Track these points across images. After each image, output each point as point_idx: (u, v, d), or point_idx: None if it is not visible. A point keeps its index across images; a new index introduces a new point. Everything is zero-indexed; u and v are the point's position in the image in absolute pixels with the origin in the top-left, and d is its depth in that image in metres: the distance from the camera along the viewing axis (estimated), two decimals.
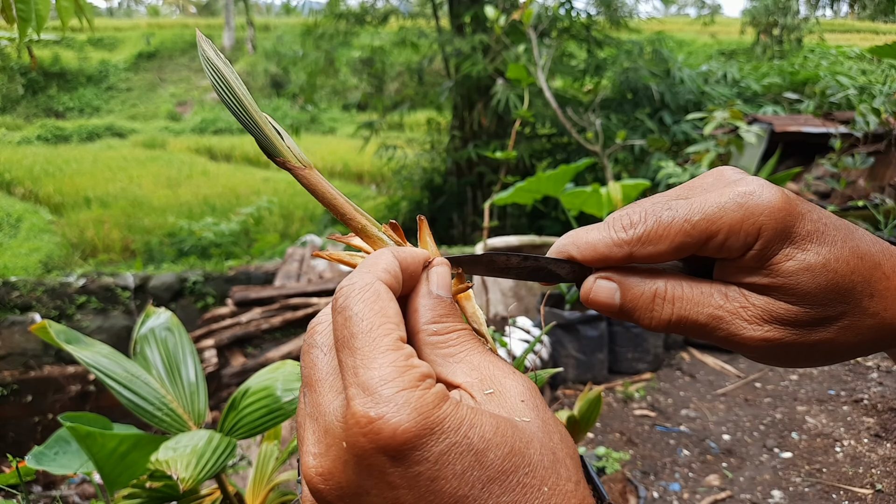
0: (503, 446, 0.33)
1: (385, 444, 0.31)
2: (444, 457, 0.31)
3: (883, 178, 5.21)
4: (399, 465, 0.31)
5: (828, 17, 21.31)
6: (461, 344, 0.39)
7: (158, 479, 0.92)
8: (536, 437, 0.35)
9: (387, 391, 0.32)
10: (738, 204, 0.40)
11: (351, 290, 0.36)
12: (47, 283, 6.23)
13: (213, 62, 0.44)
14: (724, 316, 0.42)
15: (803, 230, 0.40)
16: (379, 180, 13.37)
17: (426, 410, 0.32)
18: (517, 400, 0.36)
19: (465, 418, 0.32)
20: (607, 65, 9.14)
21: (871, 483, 2.38)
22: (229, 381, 4.54)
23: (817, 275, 0.40)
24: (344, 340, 0.34)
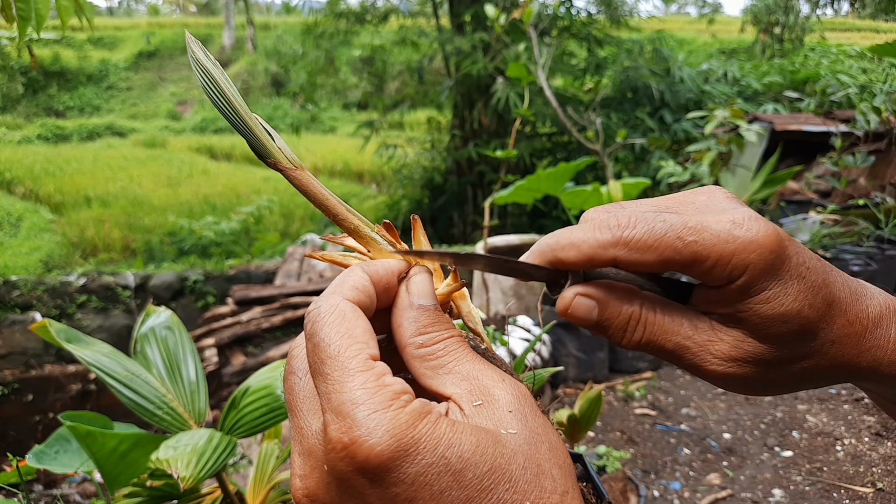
0: (482, 464, 0.32)
1: (361, 466, 0.31)
2: (420, 478, 0.31)
3: (884, 177, 5.21)
4: (377, 486, 0.32)
5: (828, 15, 21.29)
6: (449, 354, 0.38)
7: (159, 477, 0.92)
8: (521, 450, 0.34)
9: (359, 414, 0.32)
10: (732, 235, 0.39)
11: (318, 314, 0.36)
12: (48, 282, 6.23)
13: (202, 64, 0.43)
14: (691, 347, 0.42)
15: (787, 273, 0.40)
16: (379, 179, 13.37)
17: (399, 431, 0.32)
18: (505, 410, 0.36)
19: (443, 436, 0.32)
20: (608, 63, 9.13)
21: (871, 482, 2.38)
22: (230, 380, 4.55)
23: (790, 320, 0.40)
24: (315, 367, 0.35)
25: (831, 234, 3.59)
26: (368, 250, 0.47)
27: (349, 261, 0.47)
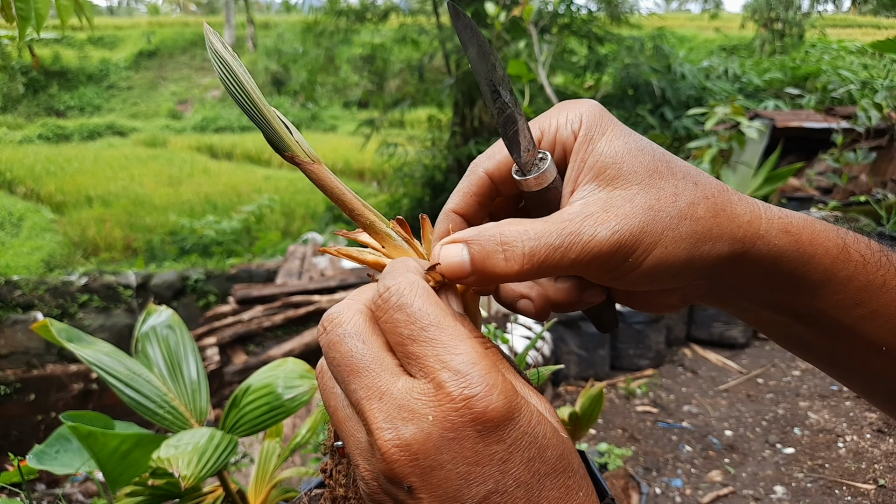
0: (558, 448, 0.36)
1: (475, 418, 0.34)
2: (517, 442, 0.35)
3: (885, 173, 5.20)
4: (483, 439, 0.34)
5: (829, 11, 21.24)
6: None
7: (160, 476, 0.92)
8: (572, 450, 0.38)
9: (476, 373, 0.34)
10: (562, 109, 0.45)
11: (401, 288, 0.37)
12: (49, 281, 6.24)
13: (220, 55, 0.43)
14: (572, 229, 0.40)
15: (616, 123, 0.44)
16: (380, 178, 13.36)
17: (510, 395, 0.35)
18: (550, 417, 0.39)
19: (535, 413, 0.36)
20: (608, 61, 9.12)
21: (873, 478, 2.38)
22: (231, 378, 4.55)
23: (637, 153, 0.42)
24: (414, 335, 0.36)
25: None
26: (383, 246, 0.47)
27: (366, 256, 0.47)
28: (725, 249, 0.42)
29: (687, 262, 0.41)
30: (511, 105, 0.43)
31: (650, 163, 0.42)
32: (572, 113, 0.44)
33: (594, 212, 0.40)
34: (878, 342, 0.45)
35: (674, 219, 0.40)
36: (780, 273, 0.44)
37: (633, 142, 0.42)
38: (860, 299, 0.44)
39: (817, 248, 0.44)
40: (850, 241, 0.45)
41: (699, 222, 0.41)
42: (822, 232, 0.45)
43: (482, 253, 0.41)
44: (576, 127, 0.43)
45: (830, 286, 0.44)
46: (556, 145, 0.44)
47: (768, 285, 0.45)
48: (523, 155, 0.43)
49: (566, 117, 0.44)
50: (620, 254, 0.40)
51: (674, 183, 0.41)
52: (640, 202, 0.40)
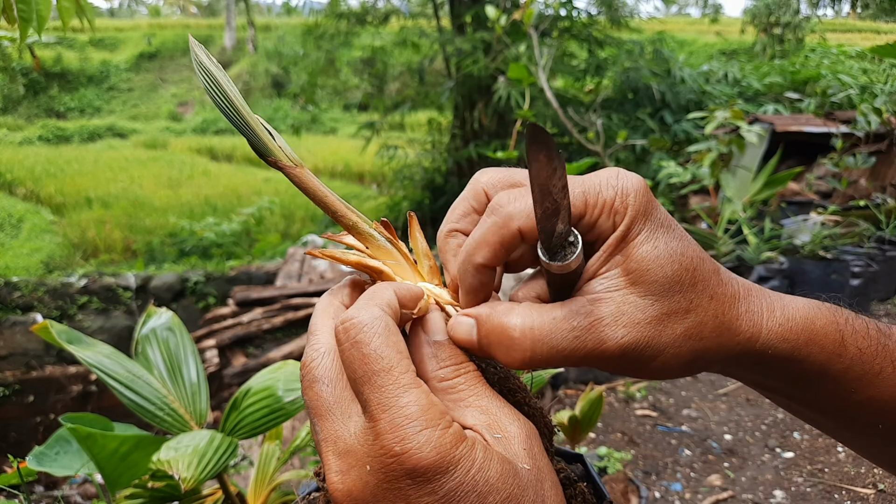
0: (503, 491, 0.37)
1: (407, 471, 0.35)
2: (452, 493, 0.35)
3: (885, 178, 5.20)
4: (414, 492, 0.35)
5: (829, 16, 21.29)
6: (469, 388, 0.42)
7: (160, 478, 0.92)
8: (531, 484, 0.38)
9: (412, 429, 0.36)
10: (611, 183, 0.43)
11: (362, 324, 0.38)
12: (49, 283, 6.23)
13: (205, 66, 0.44)
14: (580, 334, 0.41)
15: (659, 215, 0.43)
16: (380, 180, 13.37)
17: (444, 450, 0.36)
18: (520, 447, 0.40)
19: (476, 461, 0.36)
20: (608, 64, 9.13)
21: (873, 483, 2.38)
22: (231, 381, 4.55)
23: (667, 262, 0.42)
24: (365, 377, 0.37)
25: (832, 236, 3.59)
26: (367, 247, 0.48)
27: (349, 257, 0.48)
28: (721, 360, 0.45)
29: (685, 369, 0.44)
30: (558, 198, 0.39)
31: (677, 272, 0.42)
32: (619, 202, 0.42)
33: (605, 316, 0.41)
34: (875, 422, 0.48)
35: (679, 337, 0.42)
36: (774, 369, 0.46)
37: (668, 248, 0.42)
38: (856, 388, 0.46)
39: (813, 348, 0.45)
40: (849, 334, 0.46)
41: (702, 342, 0.43)
42: (822, 330, 0.46)
43: (488, 339, 0.43)
44: (617, 220, 0.42)
45: (826, 379, 0.46)
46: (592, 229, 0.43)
47: (763, 375, 0.48)
48: (554, 240, 0.41)
49: (612, 205, 0.42)
50: (623, 360, 0.42)
51: (690, 298, 0.42)
52: (651, 314, 0.41)
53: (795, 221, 4.04)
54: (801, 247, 3.53)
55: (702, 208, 4.85)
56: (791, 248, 3.60)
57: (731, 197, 4.40)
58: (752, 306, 0.45)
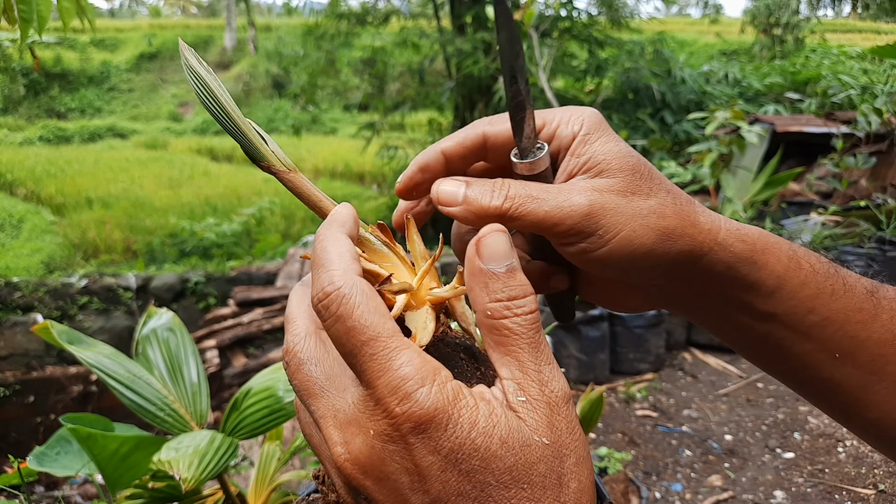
0: (507, 459, 0.35)
1: (410, 430, 0.35)
2: (453, 453, 0.35)
3: (885, 178, 5.20)
4: (418, 451, 0.35)
5: (829, 17, 21.28)
6: (511, 336, 0.39)
7: (161, 479, 0.92)
8: (545, 459, 0.37)
9: (410, 387, 0.35)
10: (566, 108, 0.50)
11: (340, 296, 0.37)
12: (49, 283, 6.24)
13: (195, 70, 0.44)
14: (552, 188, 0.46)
15: (610, 128, 0.49)
16: (380, 181, 13.36)
17: (442, 405, 0.35)
18: (542, 416, 0.38)
19: (478, 422, 0.36)
20: (608, 65, 9.13)
21: (873, 483, 2.38)
22: (231, 381, 4.55)
23: (626, 156, 0.47)
24: (355, 349, 0.37)
25: (832, 236, 3.59)
26: (363, 251, 0.48)
27: None
28: (686, 248, 0.46)
29: (649, 252, 0.46)
30: (524, 93, 0.47)
31: (635, 164, 0.47)
32: (575, 115, 0.49)
33: (575, 184, 0.46)
34: (832, 349, 0.49)
35: (643, 210, 0.45)
36: (736, 276, 0.48)
37: (623, 147, 0.48)
38: (812, 307, 0.48)
39: (769, 257, 0.48)
40: (801, 253, 0.50)
41: (666, 220, 0.46)
42: (776, 244, 0.49)
43: (474, 191, 0.46)
44: (576, 129, 0.48)
45: (784, 291, 0.48)
46: (553, 139, 0.49)
47: (727, 287, 0.49)
48: (524, 141, 0.47)
49: (569, 117, 0.49)
50: (591, 221, 0.45)
51: (649, 185, 0.47)
52: (618, 187, 0.46)
53: (796, 222, 4.04)
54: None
55: None
56: None
57: (732, 197, 4.40)
58: (706, 210, 0.49)
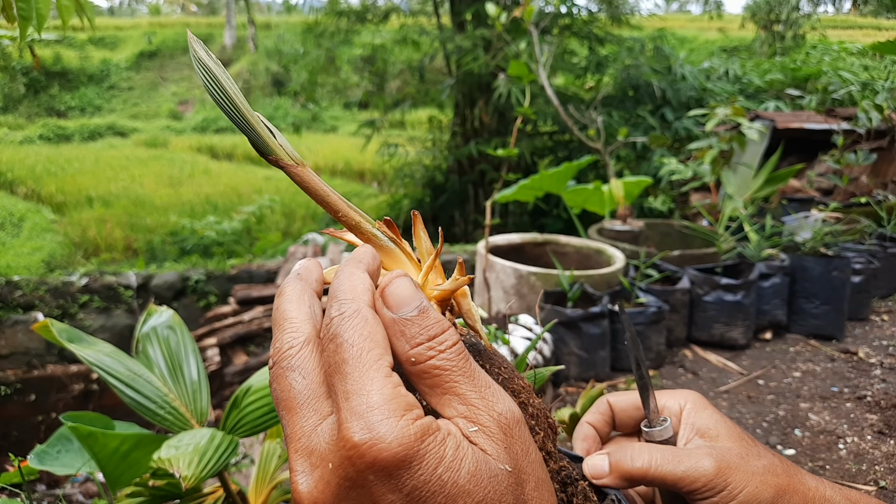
0: (476, 493, 0.34)
1: (368, 465, 0.33)
2: (416, 491, 0.33)
3: (886, 175, 5.20)
4: (377, 489, 0.33)
5: (829, 13, 21.23)
6: (444, 374, 0.38)
7: (161, 477, 0.92)
8: (510, 488, 0.36)
9: (374, 417, 0.33)
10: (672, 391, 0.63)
11: (342, 317, 0.37)
12: (50, 282, 6.24)
13: (204, 63, 0.43)
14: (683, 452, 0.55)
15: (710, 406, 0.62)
16: (381, 178, 13.36)
17: (407, 442, 0.33)
18: (499, 443, 0.37)
19: (445, 458, 0.34)
20: (609, 62, 9.11)
21: (874, 480, 2.38)
22: (231, 379, 4.55)
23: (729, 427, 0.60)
24: (336, 366, 0.36)
25: (833, 233, 3.58)
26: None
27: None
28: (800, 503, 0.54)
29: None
30: (646, 377, 0.62)
31: (740, 433, 0.59)
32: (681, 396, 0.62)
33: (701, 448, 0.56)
34: None
35: (759, 469, 0.54)
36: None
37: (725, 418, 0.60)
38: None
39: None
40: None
41: (779, 477, 0.54)
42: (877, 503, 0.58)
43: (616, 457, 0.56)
44: (682, 404, 0.61)
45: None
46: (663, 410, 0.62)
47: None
48: (651, 413, 0.60)
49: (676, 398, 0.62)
50: (720, 479, 0.52)
51: (757, 449, 0.57)
52: (735, 451, 0.55)
53: (796, 218, 4.04)
54: (802, 244, 3.53)
55: (703, 205, 4.85)
56: (792, 245, 3.60)
57: (732, 194, 4.40)
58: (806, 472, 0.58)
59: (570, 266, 3.60)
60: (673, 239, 4.55)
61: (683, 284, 3.32)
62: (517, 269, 3.40)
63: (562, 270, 3.24)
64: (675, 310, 3.31)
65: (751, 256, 3.58)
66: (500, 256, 3.64)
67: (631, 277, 3.37)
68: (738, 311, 3.29)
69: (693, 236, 4.32)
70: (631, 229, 4.17)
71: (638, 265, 3.25)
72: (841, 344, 3.39)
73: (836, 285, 3.38)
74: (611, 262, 3.66)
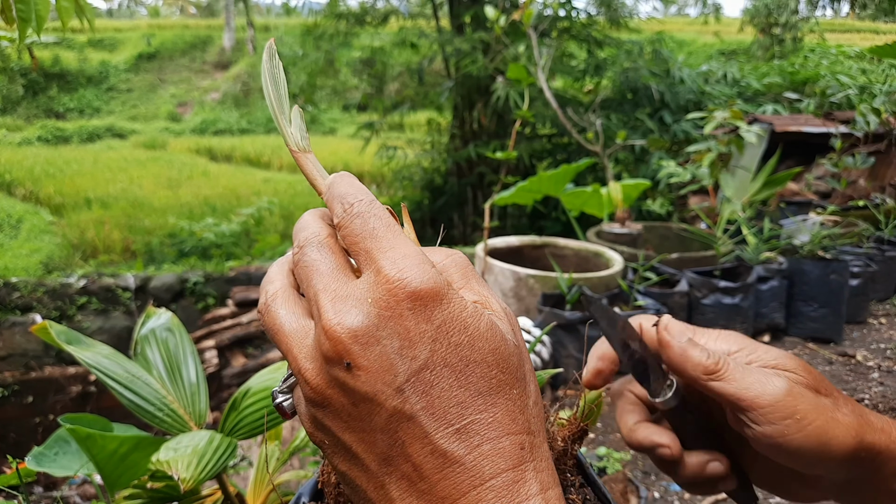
0: (491, 342, 0.38)
1: (408, 296, 0.37)
2: (445, 325, 0.37)
3: (883, 178, 5.21)
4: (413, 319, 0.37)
5: (828, 16, 21.29)
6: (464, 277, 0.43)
7: (159, 479, 0.92)
8: (516, 353, 0.40)
9: (411, 262, 0.38)
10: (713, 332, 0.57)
11: (362, 202, 0.42)
12: (48, 283, 6.23)
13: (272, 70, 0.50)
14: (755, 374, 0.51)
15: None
16: (379, 181, 13.36)
17: (439, 285, 0.38)
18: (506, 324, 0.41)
19: (468, 307, 0.38)
20: (607, 65, 9.13)
21: None
22: (230, 381, 4.55)
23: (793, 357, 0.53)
24: (369, 232, 0.40)
25: (831, 236, 3.59)
26: None
27: None
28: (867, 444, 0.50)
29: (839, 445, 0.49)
30: (640, 351, 0.57)
31: (806, 363, 0.53)
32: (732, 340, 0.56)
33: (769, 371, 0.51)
34: None
35: (829, 405, 0.50)
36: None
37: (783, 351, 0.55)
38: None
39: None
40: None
41: (848, 417, 0.50)
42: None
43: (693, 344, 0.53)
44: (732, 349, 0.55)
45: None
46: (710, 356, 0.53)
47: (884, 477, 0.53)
48: (653, 386, 0.56)
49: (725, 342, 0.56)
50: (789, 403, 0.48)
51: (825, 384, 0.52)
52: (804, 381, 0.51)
53: (794, 221, 4.04)
54: (800, 247, 3.53)
55: (701, 208, 4.85)
56: (790, 248, 3.60)
57: (731, 197, 4.41)
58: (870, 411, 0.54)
59: (569, 269, 3.60)
60: (671, 242, 4.55)
61: (682, 287, 3.32)
62: (516, 272, 3.40)
63: (560, 273, 3.24)
64: (673, 312, 3.31)
65: (749, 259, 3.58)
66: (499, 259, 3.63)
67: (629, 280, 3.37)
68: (737, 314, 3.28)
69: (691, 239, 4.32)
70: (629, 232, 4.17)
71: (636, 268, 3.25)
72: (839, 347, 3.39)
73: (834, 288, 3.37)
74: (609, 265, 3.65)
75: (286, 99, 0.50)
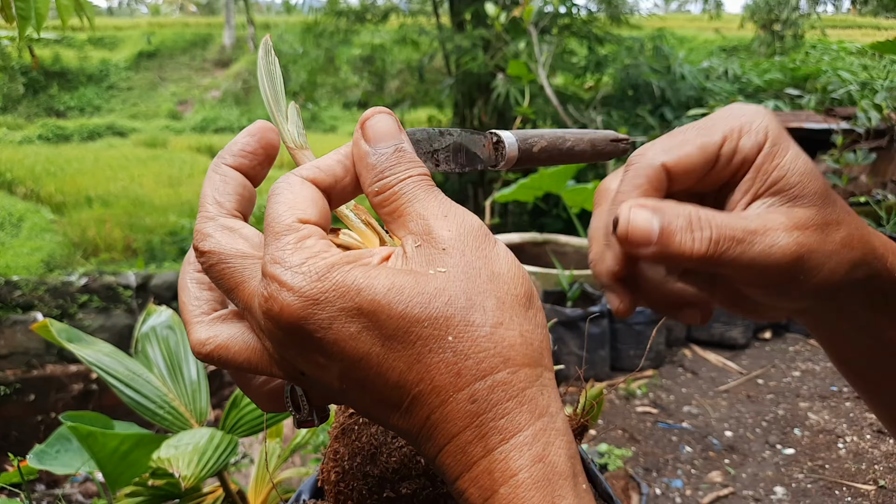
0: (396, 304, 0.33)
1: (276, 320, 0.34)
2: (332, 322, 0.33)
3: (885, 174, 5.20)
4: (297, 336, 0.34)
5: (829, 12, 21.25)
6: (401, 197, 0.38)
7: (160, 477, 0.92)
8: (447, 286, 0.34)
9: (276, 270, 0.34)
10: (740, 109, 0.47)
11: (270, 192, 0.39)
12: (49, 282, 6.23)
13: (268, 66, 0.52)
14: (757, 229, 0.41)
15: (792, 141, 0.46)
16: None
17: (305, 285, 0.33)
18: (440, 248, 0.36)
19: (353, 283, 0.34)
20: (608, 61, 9.11)
21: (873, 479, 2.38)
22: (231, 379, 4.54)
23: (815, 177, 0.44)
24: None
25: None
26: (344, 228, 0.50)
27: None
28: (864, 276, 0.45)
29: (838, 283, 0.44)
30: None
31: (823, 187, 0.44)
32: (756, 122, 0.45)
33: (777, 220, 0.42)
34: None
35: (837, 243, 0.43)
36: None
37: (811, 164, 0.45)
38: None
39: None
40: None
41: (853, 251, 0.44)
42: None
43: (671, 227, 0.40)
44: (760, 139, 0.45)
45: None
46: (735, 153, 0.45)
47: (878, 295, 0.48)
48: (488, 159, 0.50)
49: (750, 125, 0.45)
50: (797, 265, 0.42)
51: (838, 211, 0.44)
52: (815, 221, 0.43)
53: None
54: None
55: None
56: None
57: None
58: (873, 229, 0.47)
59: (570, 266, 3.60)
60: None
61: None
62: None
63: (561, 270, 3.25)
64: None
65: None
66: None
67: None
68: None
69: None
70: None
71: None
72: None
73: None
74: None
75: (282, 95, 0.51)
